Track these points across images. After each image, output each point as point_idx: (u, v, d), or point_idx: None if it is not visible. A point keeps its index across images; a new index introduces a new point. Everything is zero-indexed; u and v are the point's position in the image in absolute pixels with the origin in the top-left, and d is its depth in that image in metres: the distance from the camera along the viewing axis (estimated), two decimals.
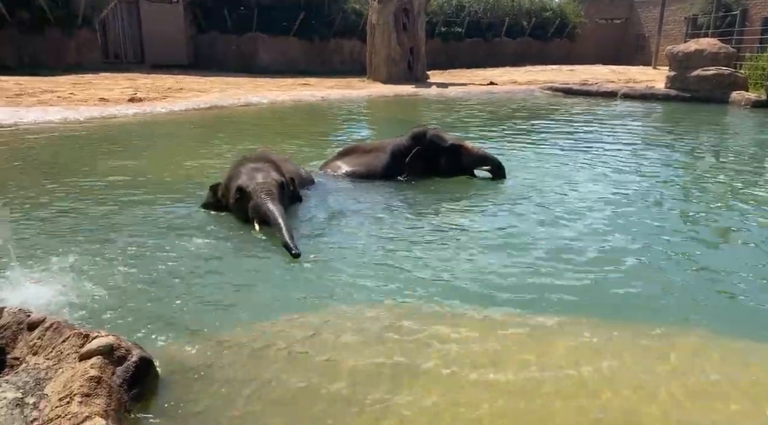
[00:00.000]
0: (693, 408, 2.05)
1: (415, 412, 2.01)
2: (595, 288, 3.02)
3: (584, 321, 2.65)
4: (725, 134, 9.24)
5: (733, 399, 2.09)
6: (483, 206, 4.54)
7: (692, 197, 5.02)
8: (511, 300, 2.85)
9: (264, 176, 3.97)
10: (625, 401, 2.08)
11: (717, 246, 3.80)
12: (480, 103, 12.60)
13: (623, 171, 5.84)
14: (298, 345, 2.42)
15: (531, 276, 3.13)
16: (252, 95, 12.39)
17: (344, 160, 5.36)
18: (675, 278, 3.17)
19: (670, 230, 4.00)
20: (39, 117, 8.61)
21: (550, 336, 2.51)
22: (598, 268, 3.25)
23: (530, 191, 4.91)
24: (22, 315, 2.20)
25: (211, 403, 2.05)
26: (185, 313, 2.68)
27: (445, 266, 3.25)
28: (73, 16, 16.36)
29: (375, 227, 3.93)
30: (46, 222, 3.94)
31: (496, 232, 3.85)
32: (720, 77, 12.60)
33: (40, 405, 1.81)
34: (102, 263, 3.19)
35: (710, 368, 2.31)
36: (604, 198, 4.77)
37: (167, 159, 6.33)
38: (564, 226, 4.00)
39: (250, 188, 3.85)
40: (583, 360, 2.31)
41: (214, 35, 19.80)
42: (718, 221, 4.31)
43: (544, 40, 26.35)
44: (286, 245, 3.36)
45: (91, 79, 13.72)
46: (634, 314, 2.77)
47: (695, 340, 2.52)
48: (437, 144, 5.27)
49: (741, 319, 2.77)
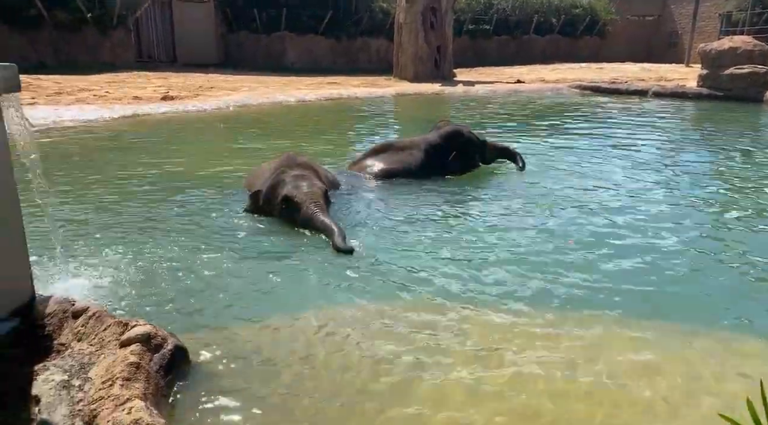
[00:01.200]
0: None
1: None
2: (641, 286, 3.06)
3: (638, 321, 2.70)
4: (759, 133, 9.06)
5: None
6: (521, 206, 4.56)
7: (718, 197, 4.98)
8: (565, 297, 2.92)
9: (309, 185, 4.05)
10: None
11: (747, 246, 3.78)
12: (506, 102, 12.57)
13: (648, 170, 5.82)
14: (327, 336, 2.52)
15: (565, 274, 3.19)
16: (280, 94, 12.59)
17: (378, 158, 5.34)
18: (711, 278, 3.19)
19: (700, 227, 4.00)
20: (76, 115, 8.93)
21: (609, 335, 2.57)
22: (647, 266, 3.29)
23: (556, 189, 4.95)
24: (68, 304, 2.36)
25: (241, 389, 2.16)
26: (219, 305, 2.82)
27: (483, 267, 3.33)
28: (109, 17, 16.81)
29: (420, 228, 4.00)
30: (88, 218, 4.14)
31: (537, 232, 3.93)
32: (755, 76, 12.32)
33: (85, 387, 1.95)
34: (140, 256, 3.36)
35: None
36: (636, 196, 4.79)
37: (202, 157, 6.51)
38: (605, 221, 4.04)
39: (297, 198, 3.94)
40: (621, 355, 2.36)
41: (243, 34, 20.12)
42: (748, 220, 4.28)
43: (573, 37, 26.03)
44: (339, 247, 3.47)
45: (125, 78, 14.11)
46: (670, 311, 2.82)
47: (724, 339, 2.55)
48: (474, 141, 5.54)
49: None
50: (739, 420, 1.09)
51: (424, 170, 5.23)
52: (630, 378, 2.24)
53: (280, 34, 19.87)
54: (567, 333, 2.58)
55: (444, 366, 2.31)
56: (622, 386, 2.19)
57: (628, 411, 2.07)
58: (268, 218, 4.08)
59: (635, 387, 2.18)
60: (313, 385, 2.19)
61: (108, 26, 16.91)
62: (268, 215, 4.10)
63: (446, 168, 5.32)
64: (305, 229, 3.85)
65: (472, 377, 2.23)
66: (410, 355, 2.37)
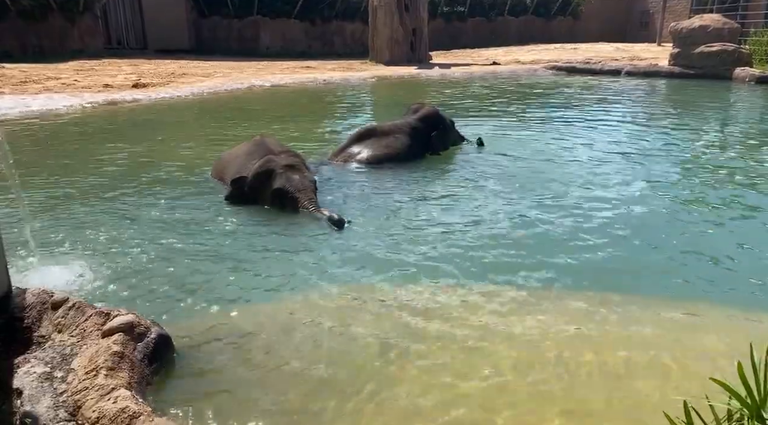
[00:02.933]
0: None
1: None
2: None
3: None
4: (729, 110, 9.25)
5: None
6: (495, 189, 4.62)
7: (688, 173, 5.09)
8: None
9: (301, 178, 4.04)
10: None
11: (716, 222, 3.89)
12: (482, 84, 12.59)
13: (623, 148, 5.91)
14: (310, 322, 2.54)
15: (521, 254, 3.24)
16: (255, 79, 12.43)
17: (364, 144, 5.28)
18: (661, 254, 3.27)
19: (668, 203, 4.09)
20: (45, 104, 8.70)
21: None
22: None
23: (530, 170, 5.01)
24: (46, 296, 2.32)
25: (226, 376, 2.17)
26: (200, 292, 2.81)
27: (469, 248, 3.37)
28: (75, 3, 16.33)
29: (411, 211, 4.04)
30: (62, 209, 4.06)
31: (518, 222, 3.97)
32: (724, 53, 12.52)
33: (68, 379, 1.93)
34: (117, 246, 3.32)
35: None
36: (606, 174, 4.86)
37: (176, 144, 6.42)
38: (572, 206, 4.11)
39: (292, 193, 3.94)
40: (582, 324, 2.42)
41: (216, 19, 19.72)
42: (714, 195, 4.39)
43: (547, 18, 26.08)
44: (332, 220, 3.64)
45: (94, 65, 13.76)
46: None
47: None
48: (446, 121, 5.81)
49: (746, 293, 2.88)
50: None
51: (411, 152, 5.30)
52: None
53: (253, 18, 19.52)
54: (542, 310, 2.63)
55: (419, 348, 2.34)
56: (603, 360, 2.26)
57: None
58: (249, 204, 4.06)
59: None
60: (297, 368, 2.21)
61: (74, 13, 16.42)
62: (252, 203, 4.06)
63: (429, 149, 5.48)
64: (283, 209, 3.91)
65: (453, 359, 2.27)
66: (387, 338, 2.40)
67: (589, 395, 2.04)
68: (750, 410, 1.13)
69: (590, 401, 2.01)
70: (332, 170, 5.02)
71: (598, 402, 2.00)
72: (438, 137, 5.54)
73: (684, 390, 2.01)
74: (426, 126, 5.50)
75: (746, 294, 2.84)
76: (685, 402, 1.16)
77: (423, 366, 2.21)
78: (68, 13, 16.28)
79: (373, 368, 2.21)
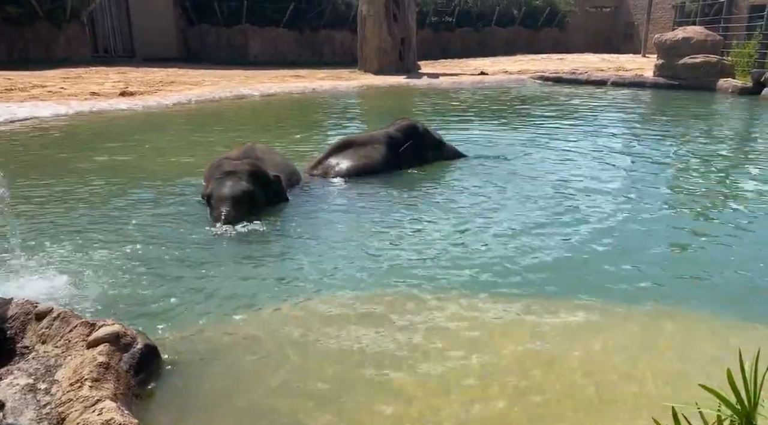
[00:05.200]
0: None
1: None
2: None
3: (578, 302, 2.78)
4: (711, 121, 9.38)
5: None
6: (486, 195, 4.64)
7: (675, 182, 5.15)
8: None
9: (232, 186, 3.87)
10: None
11: (699, 231, 3.93)
12: (471, 94, 12.67)
13: (608, 157, 5.97)
14: (297, 331, 2.52)
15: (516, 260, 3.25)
16: (243, 88, 12.40)
17: (343, 155, 5.23)
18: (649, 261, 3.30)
19: (651, 213, 4.13)
20: (31, 112, 8.60)
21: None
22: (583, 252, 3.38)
23: (516, 177, 5.05)
24: (29, 306, 2.29)
25: (214, 386, 2.14)
26: (186, 302, 2.78)
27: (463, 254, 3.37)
28: (62, 10, 16.24)
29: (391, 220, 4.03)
30: (48, 217, 4.01)
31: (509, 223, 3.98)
32: (707, 65, 12.73)
33: (52, 390, 1.90)
34: (103, 255, 3.27)
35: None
36: (593, 185, 4.90)
37: (162, 154, 6.38)
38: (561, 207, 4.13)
39: (213, 200, 3.86)
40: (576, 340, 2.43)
41: (204, 28, 19.72)
42: (700, 203, 4.44)
43: (534, 29, 26.39)
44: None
45: (81, 73, 13.66)
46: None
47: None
48: (429, 136, 5.70)
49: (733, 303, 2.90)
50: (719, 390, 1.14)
51: (388, 162, 5.27)
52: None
53: (242, 26, 19.54)
54: (532, 320, 2.64)
55: (405, 360, 2.33)
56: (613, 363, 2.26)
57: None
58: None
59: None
60: (283, 379, 2.19)
61: (61, 20, 16.34)
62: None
63: (406, 159, 5.40)
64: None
65: (437, 366, 2.27)
66: (378, 350, 2.39)
67: (577, 402, 2.04)
68: (740, 416, 1.13)
69: (577, 408, 2.01)
70: (310, 182, 4.97)
71: (583, 410, 2.01)
72: (408, 149, 5.40)
73: (674, 397, 2.02)
74: (404, 137, 5.44)
75: (734, 303, 2.87)
76: (673, 407, 1.17)
77: (408, 378, 2.20)
78: (55, 20, 16.20)
79: (364, 380, 2.19)
